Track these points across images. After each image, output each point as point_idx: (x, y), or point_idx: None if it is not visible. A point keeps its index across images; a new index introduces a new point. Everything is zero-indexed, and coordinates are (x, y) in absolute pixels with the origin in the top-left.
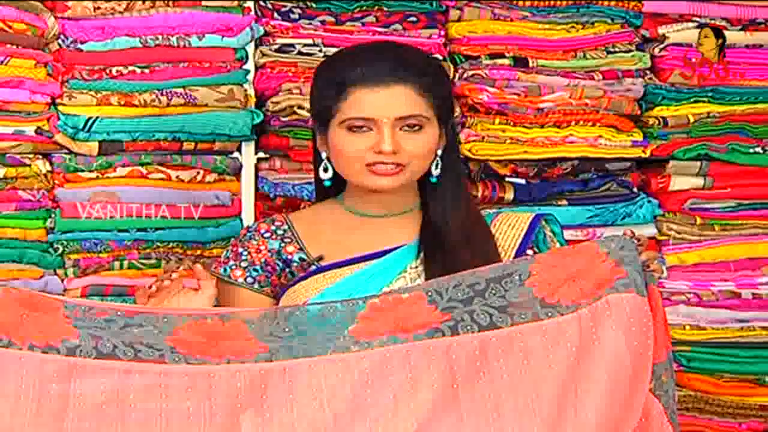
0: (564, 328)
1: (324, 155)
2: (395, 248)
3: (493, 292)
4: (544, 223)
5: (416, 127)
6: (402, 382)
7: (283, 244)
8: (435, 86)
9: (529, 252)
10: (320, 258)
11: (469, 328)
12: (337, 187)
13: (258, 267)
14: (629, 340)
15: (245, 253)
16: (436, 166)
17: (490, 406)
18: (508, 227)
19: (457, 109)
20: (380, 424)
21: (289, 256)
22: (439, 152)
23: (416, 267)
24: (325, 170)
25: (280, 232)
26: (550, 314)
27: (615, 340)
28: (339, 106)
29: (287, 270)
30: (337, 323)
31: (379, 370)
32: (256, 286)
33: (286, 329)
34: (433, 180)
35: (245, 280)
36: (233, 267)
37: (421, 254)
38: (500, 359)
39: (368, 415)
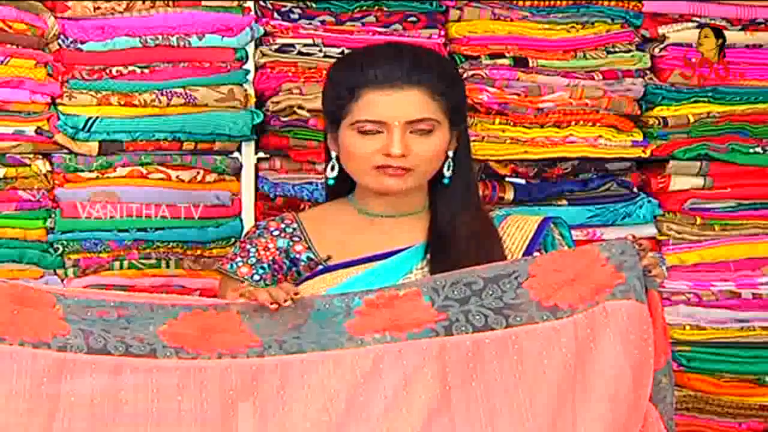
0: (559, 333)
1: (333, 154)
2: (402, 249)
3: (490, 292)
4: (552, 225)
5: (427, 131)
6: (395, 380)
7: (291, 243)
8: (449, 90)
9: (536, 254)
10: (328, 258)
11: (463, 328)
12: (346, 186)
13: (265, 265)
14: (627, 349)
15: (253, 250)
16: (448, 167)
17: (483, 409)
18: (517, 229)
19: None
20: (373, 422)
21: (297, 255)
22: (450, 153)
23: (422, 268)
24: (332, 168)
25: (289, 230)
26: (545, 318)
27: (613, 348)
28: (350, 108)
29: (294, 269)
30: (333, 317)
31: (372, 369)
32: (261, 284)
33: (281, 321)
34: (445, 181)
35: (251, 277)
36: (240, 264)
37: (428, 256)
38: (494, 361)
39: (361, 413)
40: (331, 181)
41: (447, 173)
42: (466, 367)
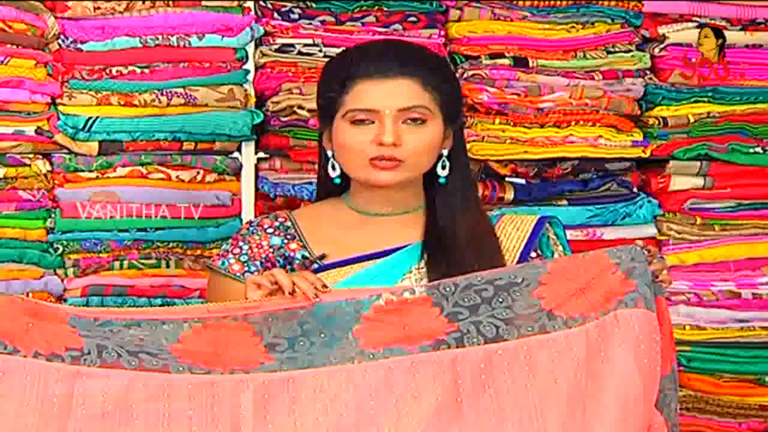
0: (570, 342)
1: (330, 153)
2: (399, 248)
3: (500, 300)
4: (548, 225)
5: (419, 121)
6: (406, 394)
7: (285, 241)
8: (442, 84)
9: (533, 255)
10: (323, 256)
11: (475, 340)
12: (340, 187)
13: (258, 262)
14: (638, 358)
15: (246, 247)
16: (443, 166)
17: (494, 420)
18: (513, 229)
19: None
20: None
21: (292, 254)
22: (445, 152)
23: (421, 268)
24: (333, 168)
25: (282, 228)
26: (557, 327)
27: (624, 358)
28: (343, 99)
29: (288, 267)
30: (343, 324)
31: (383, 382)
32: None
33: (292, 329)
34: (442, 181)
35: (243, 275)
36: (232, 261)
37: (425, 255)
38: (505, 372)
39: (372, 428)
40: (337, 180)
41: (442, 172)
42: (478, 378)
